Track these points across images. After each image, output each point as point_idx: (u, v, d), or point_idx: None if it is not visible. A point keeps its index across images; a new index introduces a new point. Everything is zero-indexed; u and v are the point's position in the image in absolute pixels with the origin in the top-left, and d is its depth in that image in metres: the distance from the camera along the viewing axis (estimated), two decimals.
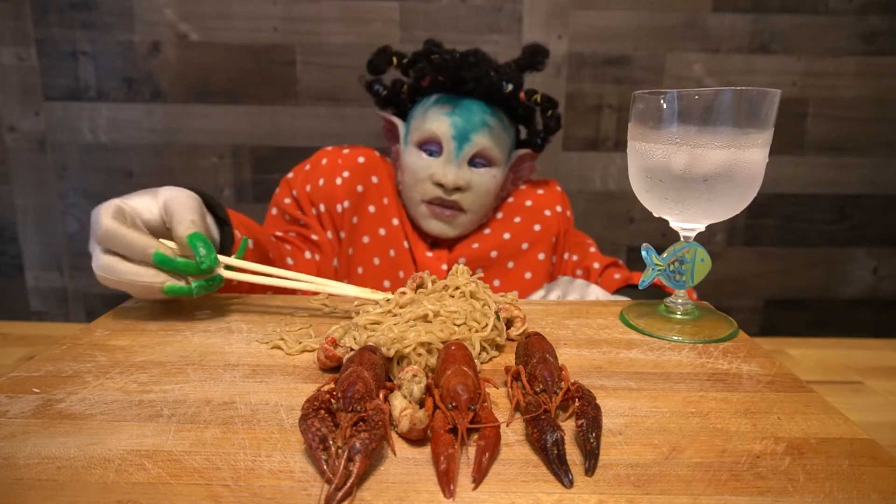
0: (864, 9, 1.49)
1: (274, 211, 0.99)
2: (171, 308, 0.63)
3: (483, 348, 0.52)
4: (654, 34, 1.50)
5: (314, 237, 0.95)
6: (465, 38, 1.48)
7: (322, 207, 0.95)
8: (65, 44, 1.49)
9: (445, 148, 0.91)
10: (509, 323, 0.57)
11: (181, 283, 0.57)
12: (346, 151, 0.98)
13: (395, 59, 0.96)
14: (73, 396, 0.44)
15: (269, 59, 1.51)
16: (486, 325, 0.52)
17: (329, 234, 0.95)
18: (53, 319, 1.69)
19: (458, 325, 0.52)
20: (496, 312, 0.54)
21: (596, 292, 0.81)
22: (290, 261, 0.89)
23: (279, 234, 0.94)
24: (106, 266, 0.55)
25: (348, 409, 0.38)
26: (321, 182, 0.95)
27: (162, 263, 0.55)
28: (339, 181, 0.95)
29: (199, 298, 0.66)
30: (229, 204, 1.59)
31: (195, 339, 0.55)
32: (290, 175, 1.00)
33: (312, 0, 1.47)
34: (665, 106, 0.55)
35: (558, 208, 1.00)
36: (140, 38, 1.49)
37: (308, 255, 0.93)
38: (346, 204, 0.95)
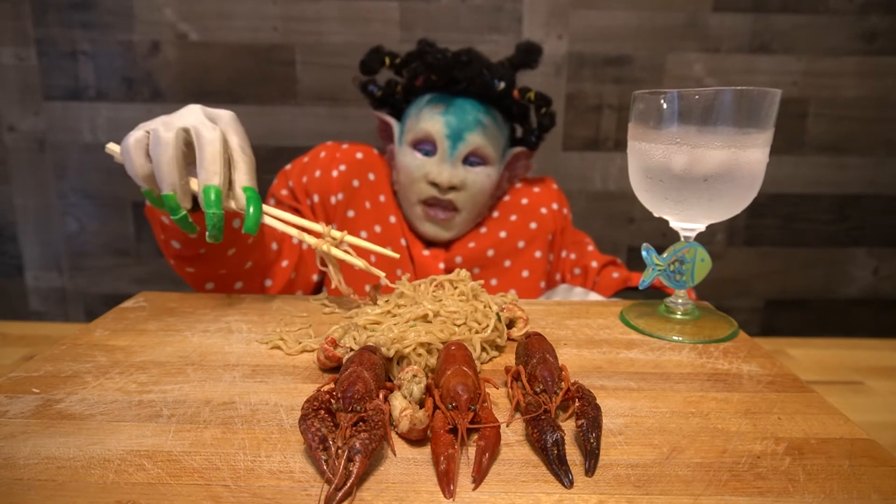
0: (865, 9, 1.49)
1: (271, 201, 1.00)
2: (172, 308, 0.63)
3: (483, 349, 0.52)
4: (654, 34, 1.50)
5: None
6: (465, 38, 1.48)
7: (316, 198, 0.96)
8: (64, 44, 1.49)
9: (440, 147, 0.91)
10: (511, 323, 0.57)
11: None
12: (344, 147, 0.98)
13: (387, 60, 0.96)
14: (72, 396, 0.44)
15: (268, 59, 1.50)
16: (487, 325, 0.52)
17: None
18: (53, 319, 1.69)
19: (459, 326, 0.52)
20: (497, 313, 0.54)
21: (596, 300, 0.81)
22: (274, 245, 0.88)
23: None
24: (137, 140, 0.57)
25: (348, 409, 0.38)
26: (317, 174, 0.96)
27: (147, 197, 0.59)
28: (335, 174, 0.95)
29: (195, 297, 0.66)
30: None
31: (195, 339, 0.55)
32: (288, 167, 1.00)
33: (312, 0, 1.47)
34: (665, 106, 0.55)
35: (554, 206, 1.00)
36: (140, 37, 1.49)
37: (296, 240, 0.92)
38: (340, 196, 0.95)
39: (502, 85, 0.91)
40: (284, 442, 0.39)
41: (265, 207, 0.60)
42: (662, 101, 0.55)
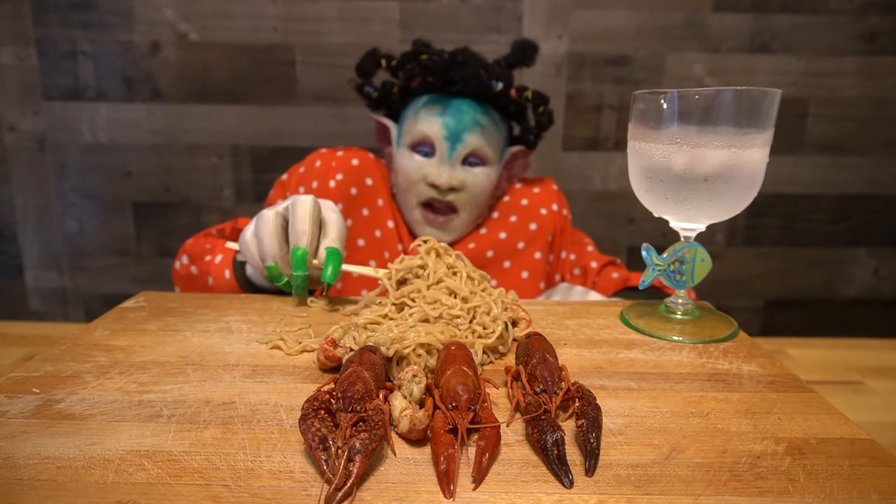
0: (864, 9, 1.49)
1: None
2: (172, 308, 0.63)
3: (484, 352, 0.52)
4: (654, 34, 1.50)
5: None
6: (465, 38, 1.48)
7: None
8: (64, 43, 1.49)
9: (438, 149, 0.91)
10: (514, 323, 0.57)
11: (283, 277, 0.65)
12: (339, 154, 0.97)
13: (383, 62, 0.96)
14: (72, 396, 0.44)
15: (269, 59, 1.50)
16: (493, 332, 0.52)
17: None
18: (53, 319, 1.69)
19: (462, 329, 0.52)
20: (506, 322, 0.53)
21: (595, 299, 0.81)
22: None
23: None
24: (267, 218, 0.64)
25: (348, 409, 0.38)
26: (314, 185, 0.95)
27: (270, 271, 0.65)
28: (332, 184, 0.94)
29: (195, 297, 0.66)
30: (229, 204, 1.59)
31: (195, 339, 0.55)
32: (284, 177, 1.00)
33: (312, 0, 1.47)
34: (665, 106, 0.55)
35: (554, 206, 1.00)
36: (140, 37, 1.49)
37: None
38: (339, 206, 0.94)
39: (500, 86, 0.91)
40: (284, 442, 0.39)
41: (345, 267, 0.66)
42: (662, 101, 0.55)
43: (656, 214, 0.61)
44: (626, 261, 1.61)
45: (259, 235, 0.65)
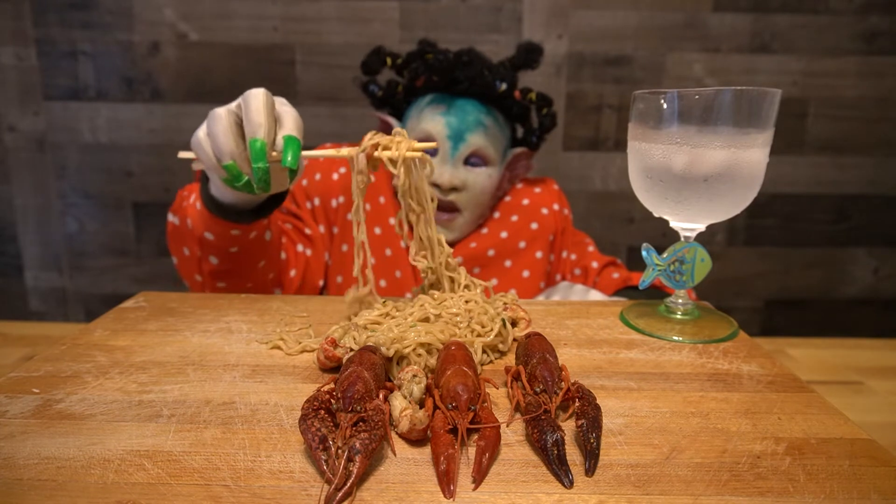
0: (865, 9, 1.49)
1: None
2: (172, 308, 0.63)
3: (484, 351, 0.52)
4: (654, 34, 1.50)
5: (307, 231, 0.95)
6: (465, 38, 1.48)
7: (317, 201, 0.96)
8: (64, 43, 1.49)
9: (441, 148, 0.91)
10: (513, 323, 0.57)
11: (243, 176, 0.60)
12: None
13: (388, 60, 0.96)
14: (72, 396, 0.44)
15: (269, 59, 1.51)
16: (491, 329, 0.52)
17: (321, 229, 0.96)
18: (53, 319, 1.69)
19: (461, 328, 0.52)
20: (503, 319, 0.53)
21: (596, 297, 0.81)
22: (283, 255, 0.89)
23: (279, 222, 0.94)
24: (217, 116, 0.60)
25: (348, 409, 0.38)
26: (317, 177, 0.96)
27: (229, 170, 0.60)
28: (335, 177, 0.95)
29: (195, 297, 0.66)
30: None
31: (195, 340, 0.55)
32: None
33: (312, 0, 1.47)
34: (665, 106, 0.55)
35: (555, 206, 1.00)
36: (139, 37, 1.49)
37: (300, 247, 0.93)
38: (340, 199, 0.95)
39: (504, 86, 0.91)
40: (284, 442, 0.39)
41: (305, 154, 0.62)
42: (662, 101, 0.55)
43: (656, 214, 0.61)
44: (626, 261, 1.61)
45: (213, 133, 0.60)
